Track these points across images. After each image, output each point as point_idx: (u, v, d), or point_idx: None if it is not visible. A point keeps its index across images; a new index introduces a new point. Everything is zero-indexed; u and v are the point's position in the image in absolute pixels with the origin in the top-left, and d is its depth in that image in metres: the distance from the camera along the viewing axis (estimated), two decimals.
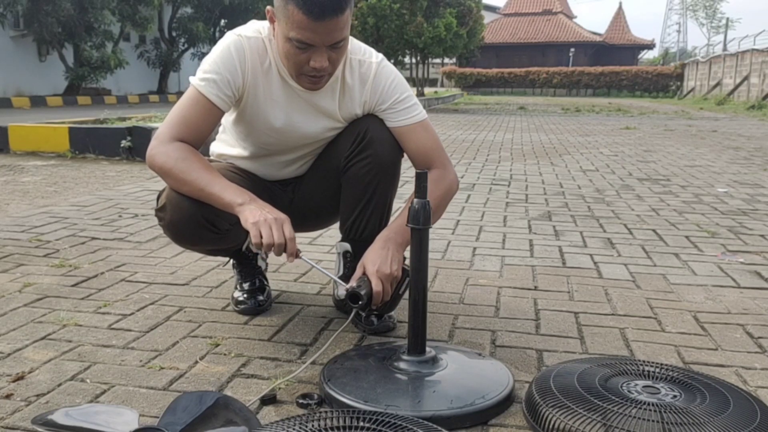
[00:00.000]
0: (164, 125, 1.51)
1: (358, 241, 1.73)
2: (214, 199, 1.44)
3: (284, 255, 1.40)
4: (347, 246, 1.75)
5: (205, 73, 1.51)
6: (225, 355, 1.53)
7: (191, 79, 1.53)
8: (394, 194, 1.70)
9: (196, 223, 1.51)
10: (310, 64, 1.42)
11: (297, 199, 1.75)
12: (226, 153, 1.74)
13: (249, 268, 1.86)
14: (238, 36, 1.52)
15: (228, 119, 1.67)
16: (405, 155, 1.65)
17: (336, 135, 1.66)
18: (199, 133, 1.51)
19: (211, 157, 1.78)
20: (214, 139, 1.80)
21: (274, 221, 1.37)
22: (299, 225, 1.83)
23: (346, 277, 1.80)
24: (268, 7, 1.46)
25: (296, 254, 1.40)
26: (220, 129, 1.76)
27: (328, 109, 1.60)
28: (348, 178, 1.63)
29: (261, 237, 1.36)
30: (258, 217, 1.37)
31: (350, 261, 1.76)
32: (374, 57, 1.60)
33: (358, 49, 1.59)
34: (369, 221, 1.68)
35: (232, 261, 1.88)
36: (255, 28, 1.55)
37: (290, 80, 1.55)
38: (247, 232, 1.73)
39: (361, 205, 1.65)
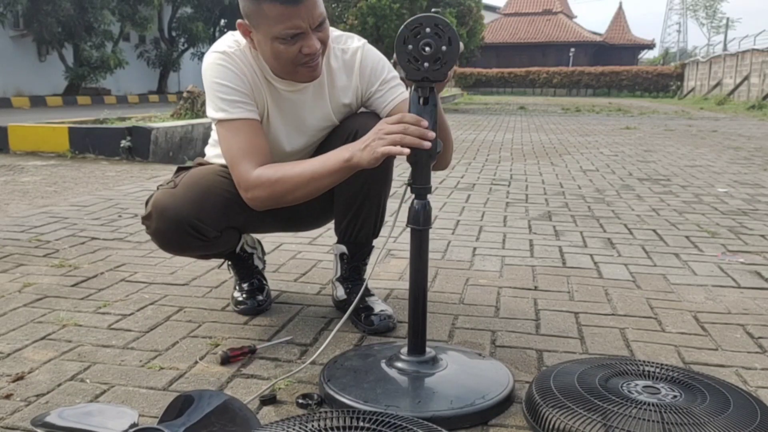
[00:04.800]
0: (234, 171, 1.46)
1: (353, 243, 1.72)
2: (329, 180, 1.39)
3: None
4: (343, 248, 1.74)
5: (221, 101, 1.46)
6: None
7: (213, 115, 1.49)
8: (387, 195, 1.69)
9: (182, 230, 1.50)
10: (303, 51, 1.40)
11: None
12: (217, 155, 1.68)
13: (246, 268, 1.85)
14: (221, 53, 1.49)
15: None
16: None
17: (327, 136, 1.64)
18: (263, 150, 1.47)
19: (205, 159, 1.76)
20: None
21: (376, 133, 1.30)
22: (291, 226, 1.82)
23: (343, 279, 1.80)
24: (239, 21, 1.43)
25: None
26: (213, 132, 1.73)
27: (318, 107, 1.58)
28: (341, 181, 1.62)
29: (398, 145, 1.26)
30: (371, 148, 1.29)
31: (347, 263, 1.76)
32: (356, 42, 1.59)
33: (338, 38, 1.58)
34: (364, 223, 1.68)
35: (227, 262, 1.87)
36: (232, 41, 1.51)
37: (277, 83, 1.53)
38: (239, 236, 1.73)
39: (355, 207, 1.65)
